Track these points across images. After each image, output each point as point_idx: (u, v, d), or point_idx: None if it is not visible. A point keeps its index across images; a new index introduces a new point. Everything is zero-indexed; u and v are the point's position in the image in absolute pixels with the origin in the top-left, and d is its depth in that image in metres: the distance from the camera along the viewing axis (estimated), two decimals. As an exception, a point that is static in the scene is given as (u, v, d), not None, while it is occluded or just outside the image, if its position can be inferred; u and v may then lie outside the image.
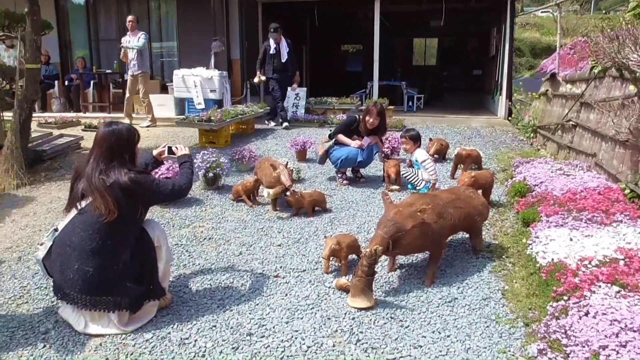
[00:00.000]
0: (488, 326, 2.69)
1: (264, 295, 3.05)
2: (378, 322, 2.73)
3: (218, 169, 5.17)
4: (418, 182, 4.94)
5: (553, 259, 3.01)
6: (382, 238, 2.94)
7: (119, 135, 2.72)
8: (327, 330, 2.66)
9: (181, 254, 3.69)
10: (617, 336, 2.15)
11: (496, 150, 7.11)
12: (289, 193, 4.41)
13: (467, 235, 3.68)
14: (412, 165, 5.08)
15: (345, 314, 2.82)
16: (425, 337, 2.59)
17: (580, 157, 5.55)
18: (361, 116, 5.39)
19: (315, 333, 2.64)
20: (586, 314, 2.36)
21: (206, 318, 2.79)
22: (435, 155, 6.21)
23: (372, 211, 4.58)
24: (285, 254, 3.68)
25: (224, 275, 3.34)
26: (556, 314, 2.48)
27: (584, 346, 2.15)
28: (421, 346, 2.52)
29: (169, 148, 3.19)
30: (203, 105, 9.01)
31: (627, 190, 4.10)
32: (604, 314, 2.31)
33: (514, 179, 5.04)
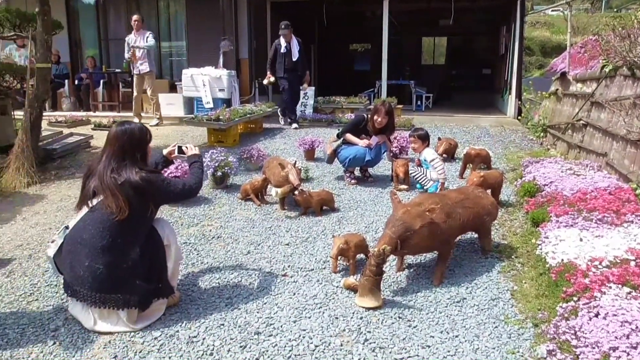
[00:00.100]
0: (497, 327, 2.68)
1: (271, 294, 3.05)
2: (386, 322, 2.72)
3: (226, 168, 5.18)
4: (426, 182, 4.93)
5: (563, 260, 2.99)
6: (390, 238, 2.93)
7: (131, 134, 2.75)
8: (335, 330, 2.66)
9: (190, 252, 3.70)
10: (628, 338, 2.13)
11: (505, 149, 7.07)
12: (297, 192, 4.41)
13: (476, 235, 3.67)
14: (421, 165, 5.06)
15: (353, 313, 2.81)
16: (433, 337, 2.58)
17: (590, 157, 5.51)
18: (369, 115, 5.38)
19: (323, 332, 2.64)
20: (596, 315, 2.34)
21: (214, 316, 2.80)
22: (444, 155, 6.18)
23: (380, 211, 4.57)
24: (293, 253, 3.68)
25: (232, 274, 3.35)
26: (566, 315, 2.47)
27: (593, 347, 2.13)
28: (429, 346, 2.51)
29: (179, 147, 3.20)
30: (212, 105, 9.04)
31: (639, 190, 4.06)
32: (615, 315, 2.29)
33: (524, 178, 5.01)
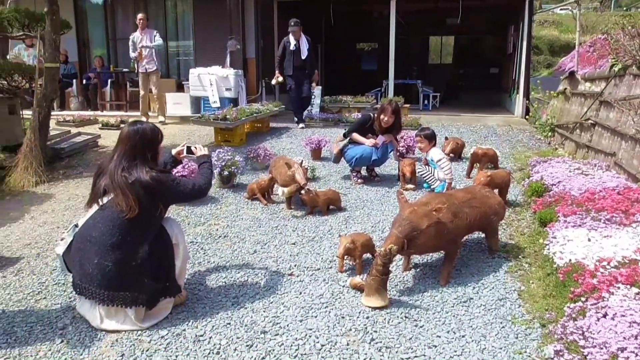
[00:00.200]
0: (504, 327, 2.67)
1: (278, 294, 3.06)
2: (392, 322, 2.72)
3: (233, 168, 5.19)
4: (433, 181, 4.92)
5: (570, 260, 2.97)
6: (397, 237, 2.93)
7: (143, 134, 2.78)
8: (341, 329, 2.66)
9: (196, 251, 3.71)
10: (637, 338, 2.11)
11: (513, 149, 7.03)
12: (303, 191, 4.42)
13: (483, 235, 3.65)
14: (428, 164, 5.05)
15: (360, 313, 2.81)
16: (440, 337, 2.58)
17: (599, 157, 5.47)
18: (376, 115, 5.36)
19: (329, 332, 2.64)
20: (604, 316, 2.33)
21: (221, 315, 2.80)
22: (451, 154, 6.16)
23: (387, 210, 4.56)
24: (299, 252, 3.68)
25: (239, 273, 3.36)
26: (573, 315, 2.45)
27: (601, 348, 2.12)
28: (436, 346, 2.50)
29: (188, 148, 3.21)
30: (219, 104, 9.05)
31: (648, 190, 4.03)
32: (623, 315, 2.27)
33: (531, 178, 4.99)
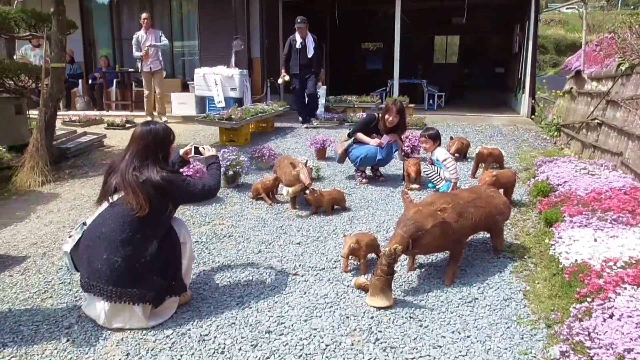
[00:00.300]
0: (509, 327, 2.66)
1: (282, 293, 3.06)
2: (397, 322, 2.72)
3: (238, 167, 5.20)
4: (439, 181, 4.90)
5: (576, 260, 2.95)
6: (402, 237, 2.92)
7: (155, 134, 2.80)
8: (346, 329, 2.65)
9: (201, 251, 3.72)
10: (643, 339, 2.10)
11: (518, 149, 7.01)
12: (308, 191, 4.41)
13: (488, 235, 3.64)
14: (433, 164, 5.04)
15: (364, 313, 2.81)
16: (444, 337, 2.57)
17: (605, 156, 5.44)
18: (380, 114, 5.36)
19: (333, 331, 2.63)
20: (611, 316, 2.31)
21: (225, 315, 2.81)
22: (456, 154, 6.13)
23: (392, 210, 4.55)
24: (304, 252, 3.68)
25: (243, 272, 3.36)
26: (579, 316, 2.44)
27: (608, 349, 2.11)
28: (440, 346, 2.50)
29: (196, 148, 3.22)
30: (224, 104, 9.07)
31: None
32: (630, 316, 2.26)
33: (537, 178, 4.97)
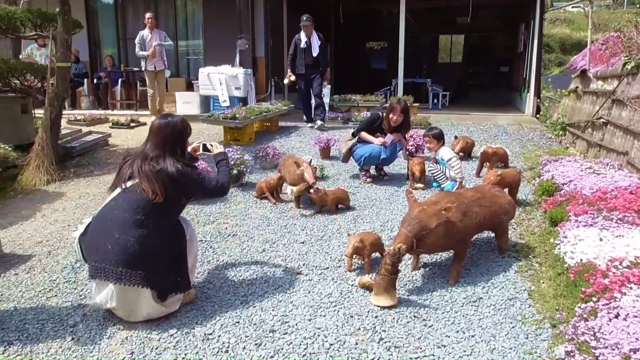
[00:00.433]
0: (514, 327, 2.65)
1: (286, 292, 3.06)
2: (401, 321, 2.71)
3: (242, 166, 5.21)
4: (443, 180, 4.89)
5: (582, 260, 2.94)
6: (406, 236, 2.92)
7: (173, 127, 2.85)
8: (350, 328, 2.65)
9: (205, 250, 3.72)
10: (649, 340, 2.09)
11: (523, 148, 6.98)
12: (312, 190, 4.41)
13: (493, 235, 3.63)
14: (437, 163, 5.03)
15: (368, 312, 2.80)
16: (449, 337, 2.56)
17: (611, 156, 5.42)
18: (385, 113, 5.35)
19: (337, 331, 2.63)
20: (616, 316, 2.30)
21: (229, 314, 2.81)
22: (461, 153, 6.13)
23: (396, 209, 4.54)
24: (308, 251, 3.68)
25: (248, 271, 3.37)
26: (585, 316, 2.43)
27: (613, 349, 2.10)
28: (445, 346, 2.49)
29: (204, 145, 3.23)
30: (228, 103, 9.08)
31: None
32: (635, 316, 2.24)
33: (542, 177, 4.95)
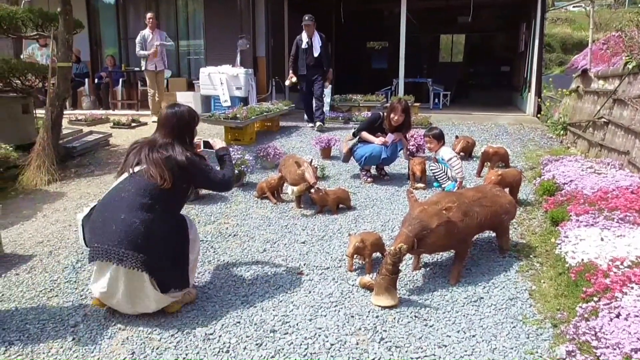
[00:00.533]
0: (515, 326, 2.64)
1: (287, 292, 3.06)
2: (402, 321, 2.71)
3: (243, 166, 5.21)
4: (444, 180, 4.89)
5: (583, 259, 2.94)
6: (407, 236, 2.91)
7: (181, 116, 2.89)
8: (351, 328, 2.65)
9: (206, 250, 3.72)
10: (650, 339, 2.09)
11: (524, 148, 6.98)
12: (313, 190, 4.41)
13: (494, 234, 3.63)
14: (438, 162, 5.03)
15: (369, 312, 2.80)
16: (450, 337, 2.56)
17: (612, 155, 5.41)
18: (385, 113, 5.34)
19: (338, 331, 2.63)
20: (617, 316, 2.30)
21: (230, 314, 2.81)
22: (462, 153, 6.12)
23: (397, 209, 4.54)
24: (309, 251, 3.68)
25: (248, 271, 3.37)
26: (586, 315, 2.42)
27: (615, 349, 2.09)
28: (446, 346, 2.49)
29: (205, 142, 3.24)
30: (229, 103, 9.07)
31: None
32: (637, 316, 2.24)
33: (543, 177, 4.94)
